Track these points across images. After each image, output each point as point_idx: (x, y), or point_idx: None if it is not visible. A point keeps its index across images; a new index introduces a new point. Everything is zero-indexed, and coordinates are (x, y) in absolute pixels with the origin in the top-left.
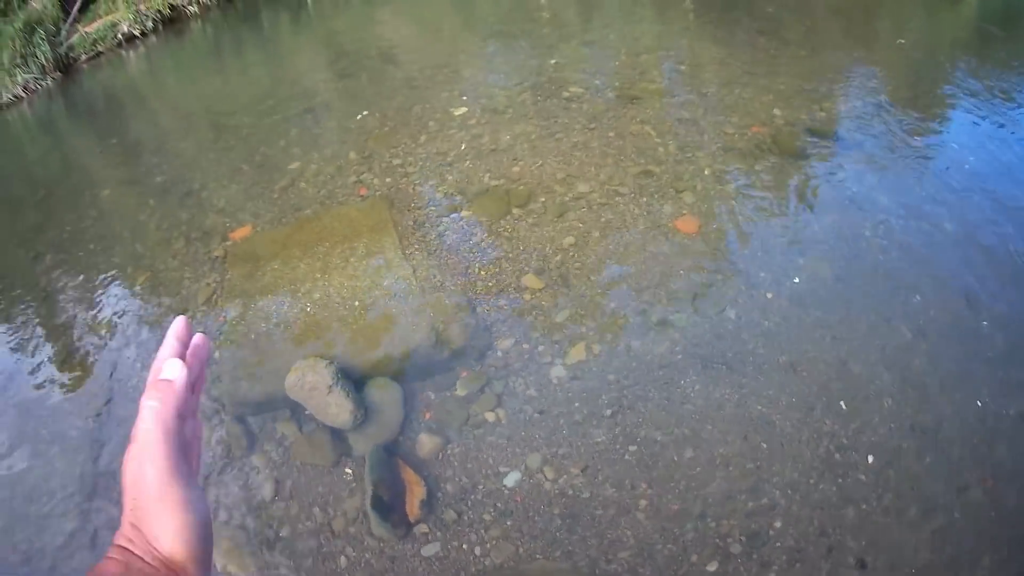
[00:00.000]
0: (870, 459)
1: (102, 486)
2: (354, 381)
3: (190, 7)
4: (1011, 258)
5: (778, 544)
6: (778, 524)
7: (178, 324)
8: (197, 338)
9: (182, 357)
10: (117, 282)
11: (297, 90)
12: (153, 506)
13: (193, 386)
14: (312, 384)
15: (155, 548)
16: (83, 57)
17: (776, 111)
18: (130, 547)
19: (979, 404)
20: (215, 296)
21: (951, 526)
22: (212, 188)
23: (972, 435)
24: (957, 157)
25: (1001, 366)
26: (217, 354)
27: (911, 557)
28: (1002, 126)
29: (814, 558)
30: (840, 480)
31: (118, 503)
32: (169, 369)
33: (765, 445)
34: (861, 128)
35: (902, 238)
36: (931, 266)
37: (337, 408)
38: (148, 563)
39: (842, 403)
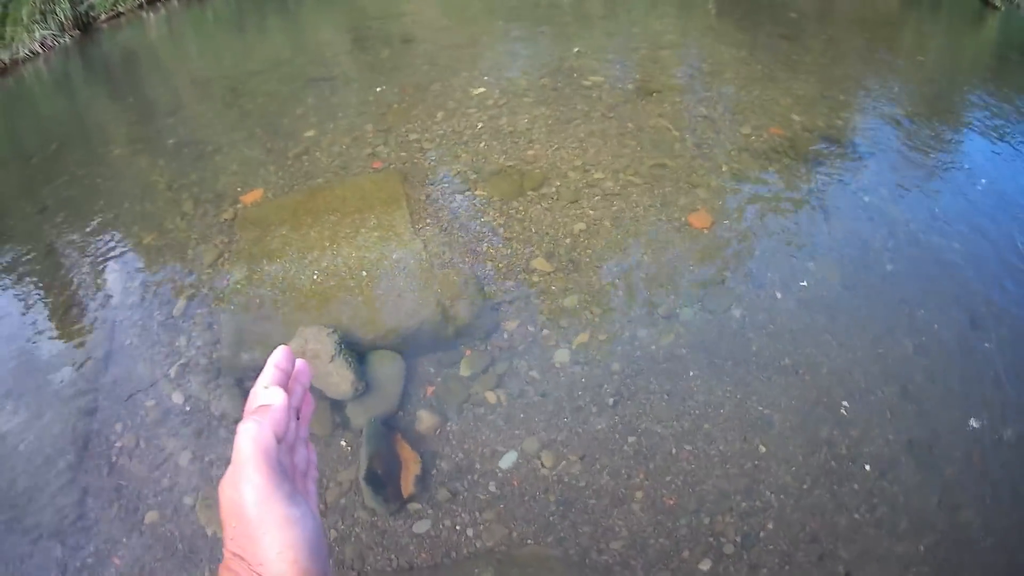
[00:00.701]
0: (867, 468)
1: (94, 444)
2: (357, 352)
3: None
4: (1018, 283)
5: (770, 547)
6: (771, 527)
7: (278, 353)
8: (299, 364)
9: (282, 385)
10: (123, 240)
11: (317, 60)
12: (253, 529)
13: (298, 412)
14: (314, 352)
15: (260, 574)
16: (103, 16)
17: (794, 115)
18: None
19: (975, 425)
20: (222, 259)
21: (941, 544)
22: (225, 151)
23: (967, 455)
24: (971, 176)
25: (1000, 389)
26: (220, 317)
27: (899, 571)
28: (1016, 149)
29: (804, 564)
30: (835, 488)
31: (111, 461)
32: (267, 395)
33: (763, 447)
34: (877, 140)
35: (911, 252)
36: (938, 283)
37: (338, 378)
38: None
39: (843, 411)
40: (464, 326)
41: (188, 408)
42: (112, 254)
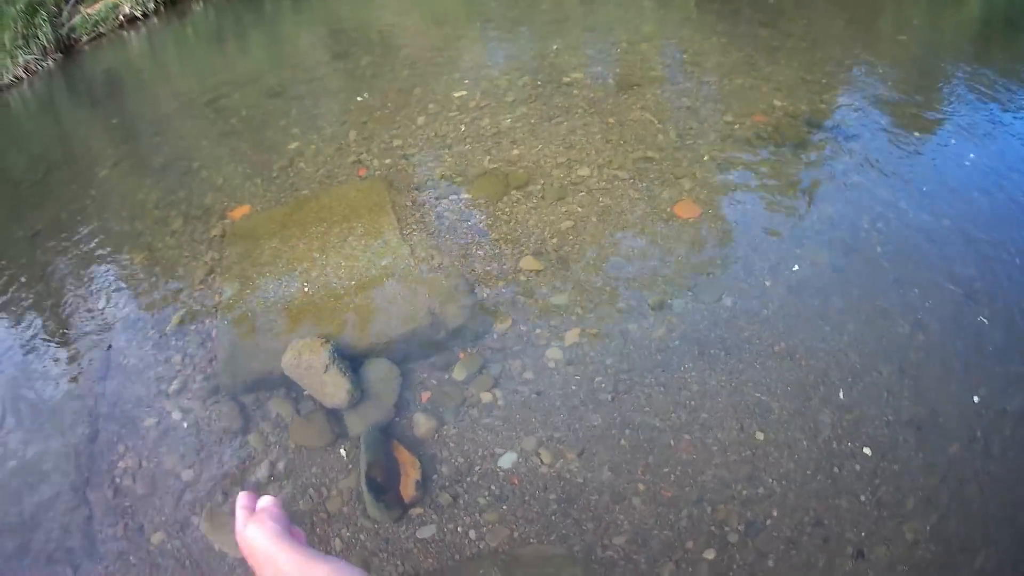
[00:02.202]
0: (867, 451)
1: (98, 465)
2: (350, 361)
3: None
4: (1011, 255)
5: (775, 533)
6: (775, 513)
7: (242, 497)
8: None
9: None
10: (115, 260)
11: (298, 71)
12: None
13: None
14: (308, 363)
15: None
16: (84, 38)
17: (777, 101)
18: None
19: (976, 400)
20: (213, 274)
21: (948, 521)
22: (211, 167)
23: (969, 431)
24: (957, 153)
25: (999, 362)
26: (214, 332)
27: (909, 550)
28: (1003, 125)
29: (810, 548)
30: (837, 471)
31: (115, 482)
32: (261, 500)
33: (761, 434)
34: (862, 121)
35: (901, 231)
36: (930, 260)
37: (333, 388)
38: None
39: (840, 394)
40: (456, 329)
41: (187, 425)
42: (105, 275)
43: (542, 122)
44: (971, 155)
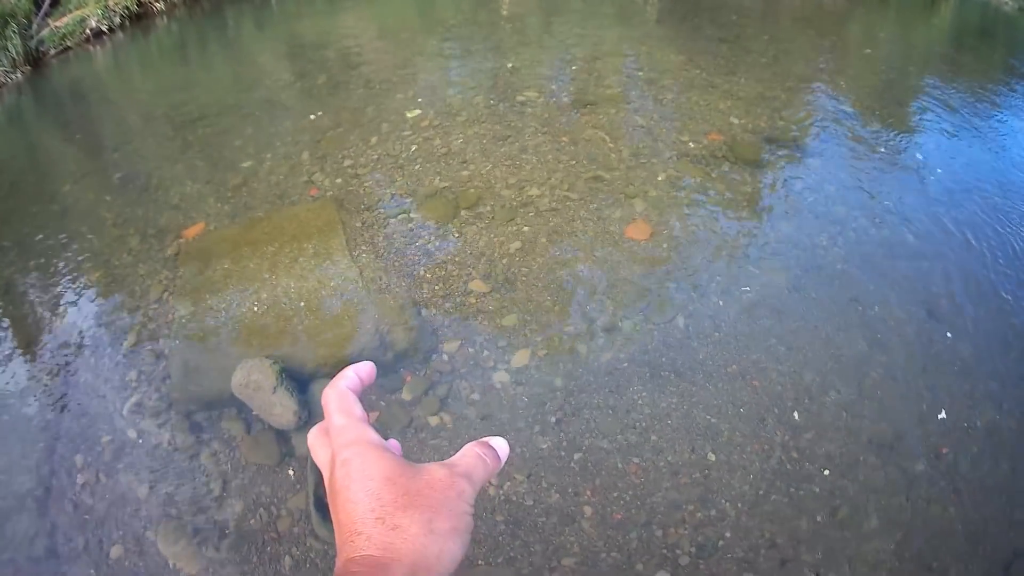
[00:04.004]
0: (825, 472)
1: (59, 481)
2: (299, 381)
3: (157, 4)
4: (977, 270)
5: (728, 555)
6: (728, 535)
7: (365, 368)
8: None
9: (358, 392)
10: (75, 278)
11: (256, 89)
12: (414, 483)
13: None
14: (257, 384)
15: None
16: (52, 52)
17: (734, 119)
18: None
19: (942, 416)
20: (167, 293)
21: (913, 539)
22: (168, 185)
23: (935, 448)
24: (923, 167)
25: (966, 378)
26: (167, 351)
27: (872, 570)
28: (973, 137)
29: (766, 569)
30: (793, 491)
31: (75, 498)
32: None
33: (713, 456)
34: (822, 137)
35: (861, 249)
36: (891, 277)
37: (281, 408)
38: None
39: (795, 414)
40: (403, 350)
41: (142, 442)
42: (65, 293)
43: (494, 142)
44: (938, 169)
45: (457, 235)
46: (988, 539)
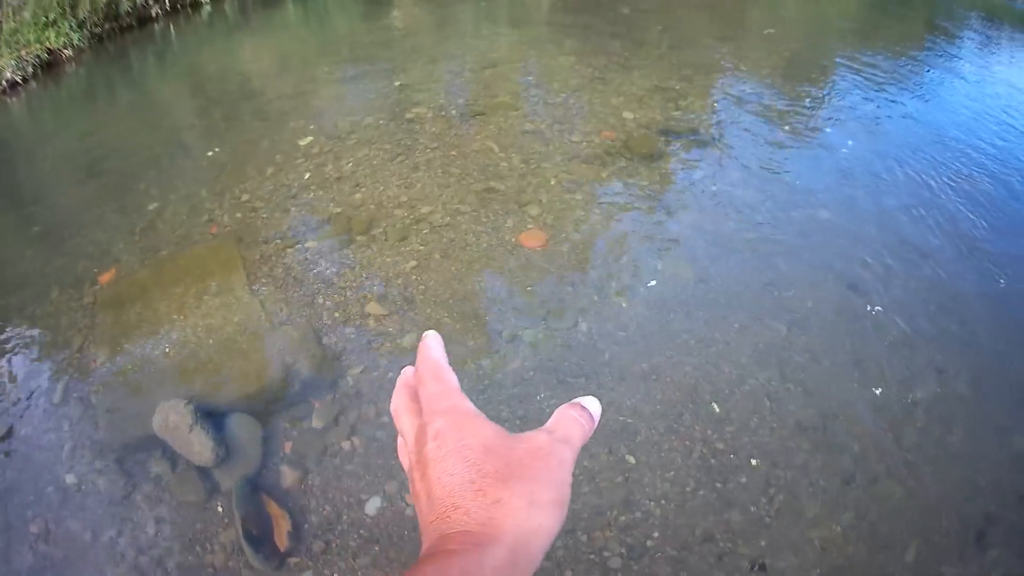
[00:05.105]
0: (753, 462)
1: (15, 531)
2: (214, 419)
3: (65, 51)
4: (899, 239)
5: (659, 555)
6: (656, 535)
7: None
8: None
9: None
10: (7, 338)
11: (159, 129)
12: (506, 488)
13: None
14: (175, 424)
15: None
16: None
17: (627, 114)
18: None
19: (878, 392)
20: (87, 342)
21: (862, 520)
22: (82, 233)
23: (874, 426)
24: (833, 142)
25: (902, 350)
26: (92, 399)
27: (817, 555)
28: (883, 107)
29: (703, 566)
30: (720, 485)
31: (32, 547)
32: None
33: (632, 457)
34: (724, 123)
35: (772, 231)
36: (806, 257)
37: (199, 447)
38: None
39: (714, 406)
40: (309, 379)
41: (82, 489)
42: None
43: (385, 162)
44: (848, 142)
45: (352, 259)
46: (952, 509)
